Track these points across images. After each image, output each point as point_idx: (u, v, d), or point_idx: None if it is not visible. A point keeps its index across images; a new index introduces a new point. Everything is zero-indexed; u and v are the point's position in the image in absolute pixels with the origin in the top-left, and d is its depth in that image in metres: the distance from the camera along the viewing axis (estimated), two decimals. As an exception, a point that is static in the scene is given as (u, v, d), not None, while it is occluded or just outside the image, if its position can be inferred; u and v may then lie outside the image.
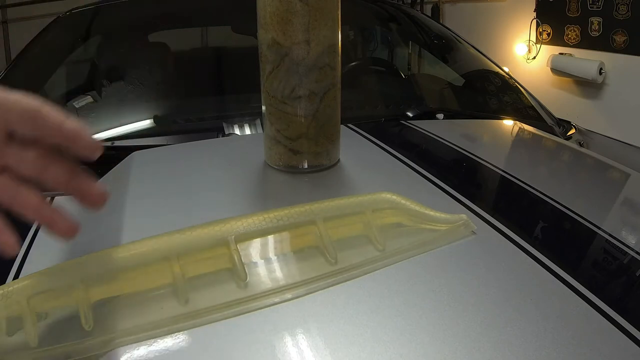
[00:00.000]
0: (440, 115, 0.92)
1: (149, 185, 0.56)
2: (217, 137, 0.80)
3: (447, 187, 0.54)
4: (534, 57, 2.46)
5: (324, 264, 0.40)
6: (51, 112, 0.30)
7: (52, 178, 0.32)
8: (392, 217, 0.45)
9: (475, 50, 1.29)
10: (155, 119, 0.88)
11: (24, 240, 0.49)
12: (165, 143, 0.78)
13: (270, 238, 0.42)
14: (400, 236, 0.44)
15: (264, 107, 0.56)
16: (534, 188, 0.55)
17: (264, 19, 0.52)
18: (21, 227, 0.52)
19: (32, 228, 0.51)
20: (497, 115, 1.03)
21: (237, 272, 0.38)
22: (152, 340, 0.34)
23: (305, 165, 0.57)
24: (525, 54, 2.50)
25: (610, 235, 0.47)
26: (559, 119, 1.11)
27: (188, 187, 0.55)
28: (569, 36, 2.27)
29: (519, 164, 0.67)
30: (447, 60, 1.28)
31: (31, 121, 0.30)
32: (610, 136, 1.04)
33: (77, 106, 0.88)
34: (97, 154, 0.31)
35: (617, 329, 0.35)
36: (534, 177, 0.59)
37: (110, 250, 0.37)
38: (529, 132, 0.84)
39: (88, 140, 0.31)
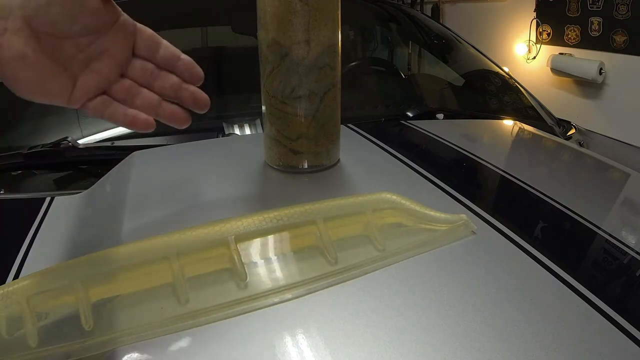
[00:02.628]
0: (440, 115, 0.92)
1: (149, 185, 0.56)
2: (217, 137, 0.80)
3: (447, 187, 0.54)
4: (534, 57, 2.46)
5: (324, 264, 0.40)
6: (169, 46, 0.39)
7: (167, 85, 0.39)
8: (392, 217, 0.45)
9: (475, 50, 1.29)
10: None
11: (24, 240, 0.49)
12: (165, 143, 0.78)
13: (270, 238, 0.41)
14: (400, 236, 0.44)
15: (264, 107, 0.56)
16: (534, 188, 0.55)
17: (264, 19, 0.52)
18: (21, 227, 0.52)
19: (32, 228, 0.51)
20: (497, 115, 1.03)
21: (237, 272, 0.38)
22: (152, 340, 0.34)
23: (305, 165, 0.57)
24: (525, 54, 2.50)
25: (610, 235, 0.47)
26: (559, 119, 1.11)
27: (188, 187, 0.55)
28: (569, 36, 2.27)
29: (519, 164, 0.67)
30: (447, 60, 1.28)
31: (153, 48, 0.39)
32: (610, 136, 1.04)
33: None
34: (200, 81, 0.40)
35: (617, 329, 0.35)
36: (534, 177, 0.59)
37: (110, 250, 0.37)
38: (529, 132, 0.84)
39: (198, 72, 0.40)
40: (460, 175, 0.61)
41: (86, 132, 0.82)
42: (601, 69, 2.11)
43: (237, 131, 0.82)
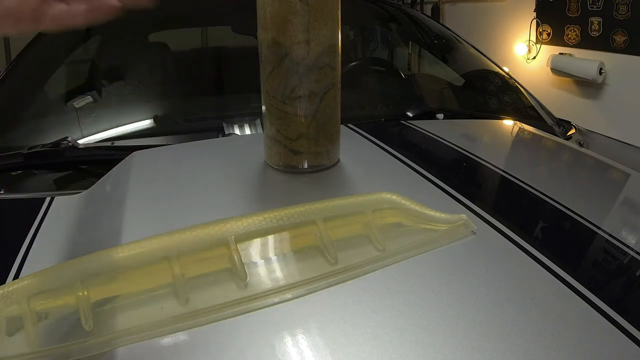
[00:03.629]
0: (440, 115, 0.92)
1: (149, 185, 0.56)
2: (217, 137, 0.80)
3: (447, 187, 0.54)
4: (534, 57, 2.46)
5: (324, 264, 0.40)
6: None
7: None
8: (392, 217, 0.45)
9: (475, 50, 1.29)
10: (155, 119, 0.88)
11: (24, 240, 0.49)
12: (165, 143, 0.78)
13: (270, 238, 0.41)
14: (400, 236, 0.44)
15: (264, 107, 0.56)
16: (534, 188, 0.55)
17: (264, 19, 0.52)
18: (21, 227, 0.52)
19: (32, 228, 0.51)
20: (497, 115, 1.03)
21: (237, 272, 0.38)
22: (152, 340, 0.34)
23: (305, 165, 0.57)
24: (525, 54, 2.50)
25: (610, 235, 0.47)
26: (559, 119, 1.11)
27: (188, 187, 0.55)
28: (569, 36, 2.27)
29: (519, 164, 0.67)
30: (447, 60, 1.28)
31: None
32: (610, 136, 1.04)
33: (77, 106, 0.88)
34: None
35: (617, 329, 0.35)
36: (534, 177, 0.59)
37: (110, 250, 0.37)
38: (529, 132, 0.84)
39: None
40: (460, 175, 0.61)
41: (86, 132, 0.82)
42: (601, 69, 2.10)
43: (237, 131, 0.82)
